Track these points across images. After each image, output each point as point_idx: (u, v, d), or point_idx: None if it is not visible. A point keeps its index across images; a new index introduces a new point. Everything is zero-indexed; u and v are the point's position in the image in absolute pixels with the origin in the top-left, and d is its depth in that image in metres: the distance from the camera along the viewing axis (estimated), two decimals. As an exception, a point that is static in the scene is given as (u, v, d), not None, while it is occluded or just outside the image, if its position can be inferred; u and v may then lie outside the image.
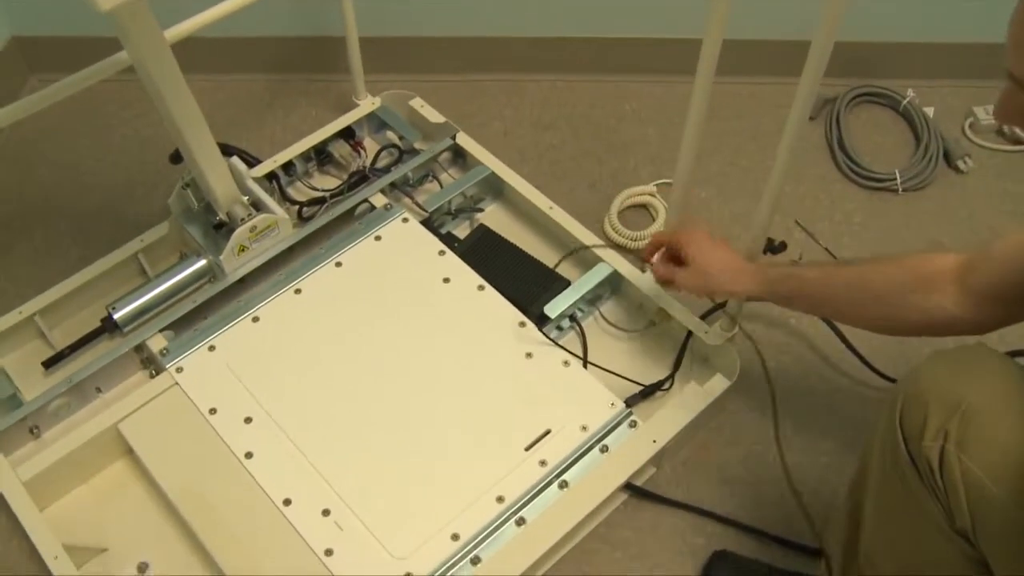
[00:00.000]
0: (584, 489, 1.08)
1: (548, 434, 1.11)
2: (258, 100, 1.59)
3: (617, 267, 1.27)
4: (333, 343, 1.19)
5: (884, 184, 1.46)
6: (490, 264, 1.27)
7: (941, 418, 0.76)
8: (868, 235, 1.42)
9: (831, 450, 1.19)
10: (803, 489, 1.14)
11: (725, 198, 1.45)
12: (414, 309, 1.22)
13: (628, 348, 1.26)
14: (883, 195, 1.47)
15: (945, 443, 0.75)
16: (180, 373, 1.16)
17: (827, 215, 1.44)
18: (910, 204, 1.46)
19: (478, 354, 1.18)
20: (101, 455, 1.13)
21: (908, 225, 1.43)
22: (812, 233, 1.40)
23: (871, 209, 1.45)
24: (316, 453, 1.09)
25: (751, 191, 1.46)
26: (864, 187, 1.47)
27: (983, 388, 0.76)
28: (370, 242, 1.29)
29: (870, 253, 1.39)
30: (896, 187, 1.46)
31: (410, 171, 1.37)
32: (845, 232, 1.42)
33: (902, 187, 1.46)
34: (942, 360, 0.81)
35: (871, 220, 1.43)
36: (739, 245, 1.36)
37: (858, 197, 1.47)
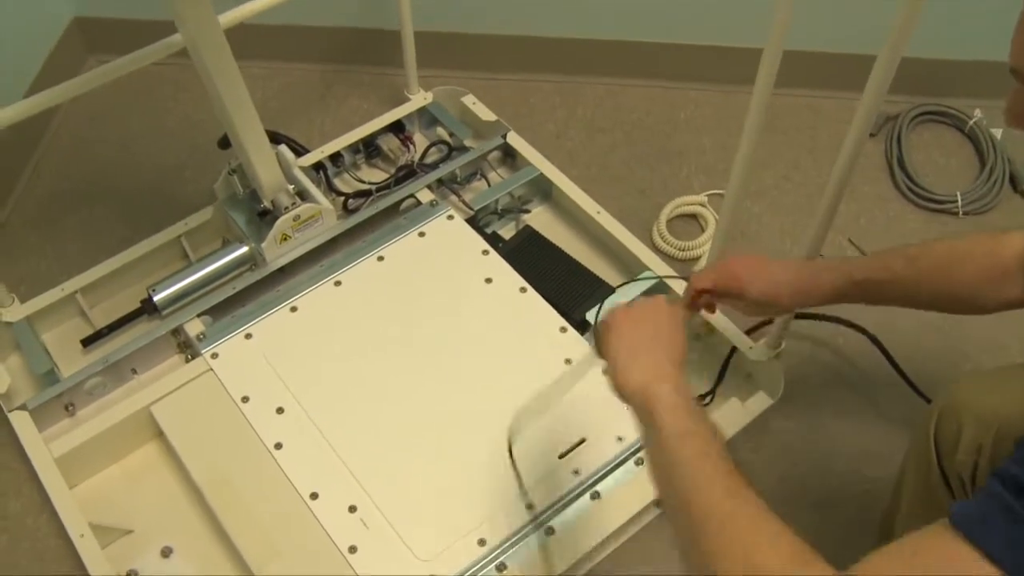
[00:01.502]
0: (616, 501, 1.04)
1: (583, 443, 1.08)
2: (310, 90, 1.58)
3: (661, 275, 1.23)
4: (370, 338, 1.17)
5: (944, 206, 1.41)
6: (534, 266, 1.25)
7: (976, 433, 0.74)
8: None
9: (874, 477, 1.14)
10: (842, 516, 1.09)
11: (776, 212, 1.41)
12: (454, 308, 1.20)
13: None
14: (942, 218, 1.41)
15: (978, 458, 0.73)
16: (215, 359, 1.15)
17: (882, 235, 1.38)
18: (971, 227, 1.40)
19: (516, 357, 1.15)
20: (132, 436, 1.12)
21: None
22: (865, 252, 1.35)
23: (929, 231, 1.39)
24: (346, 448, 1.07)
25: (803, 207, 1.41)
26: (923, 208, 1.42)
27: (1019, 405, 0.74)
28: (413, 238, 1.27)
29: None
30: (957, 210, 1.40)
31: (458, 168, 1.35)
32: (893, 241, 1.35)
33: (963, 210, 1.40)
34: (979, 377, 0.78)
35: (918, 233, 1.37)
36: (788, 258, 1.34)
37: (916, 218, 1.41)
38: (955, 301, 0.89)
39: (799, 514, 1.10)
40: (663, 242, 1.36)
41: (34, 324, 1.22)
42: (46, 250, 1.36)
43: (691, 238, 1.36)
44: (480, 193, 1.34)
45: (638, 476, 1.06)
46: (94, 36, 1.61)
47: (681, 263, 1.34)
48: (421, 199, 1.32)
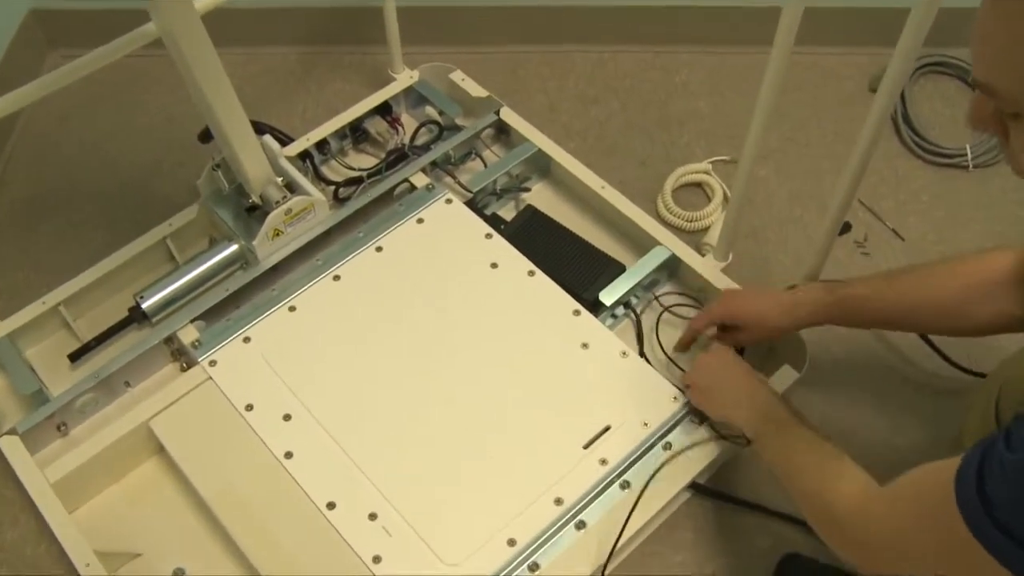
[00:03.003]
0: (649, 490, 1.00)
1: (607, 431, 1.03)
2: (289, 74, 1.51)
3: (675, 250, 1.19)
4: (375, 334, 1.11)
5: (953, 160, 1.36)
6: (539, 248, 1.20)
7: None
8: (937, 214, 1.32)
9: (903, 447, 1.10)
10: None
11: (784, 176, 1.36)
12: (461, 297, 1.14)
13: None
14: (952, 172, 1.36)
15: None
16: (213, 367, 1.08)
17: (892, 193, 1.34)
18: (981, 181, 1.35)
19: (531, 345, 1.10)
20: (132, 454, 1.06)
21: (979, 204, 1.33)
22: (877, 213, 1.31)
23: (939, 187, 1.35)
24: (360, 453, 1.02)
25: (811, 169, 1.37)
26: (932, 163, 1.37)
27: None
28: (412, 225, 1.21)
29: (938, 233, 1.30)
30: (967, 163, 1.35)
31: (452, 149, 1.29)
32: (912, 211, 1.32)
33: (973, 163, 1.35)
34: None
35: (939, 198, 1.34)
36: (800, 226, 1.32)
37: (925, 174, 1.36)
38: (941, 315, 0.90)
39: None
40: (669, 214, 1.31)
41: (16, 341, 1.14)
42: (22, 261, 1.29)
43: (698, 208, 1.31)
44: (477, 174, 1.28)
45: (668, 462, 1.02)
46: (54, 29, 1.52)
47: (690, 235, 1.29)
48: (416, 183, 1.26)
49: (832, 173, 1.36)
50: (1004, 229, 1.30)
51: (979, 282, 0.86)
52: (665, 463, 1.01)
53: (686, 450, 1.03)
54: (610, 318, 1.17)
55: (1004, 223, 1.31)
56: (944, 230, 1.30)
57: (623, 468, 1.01)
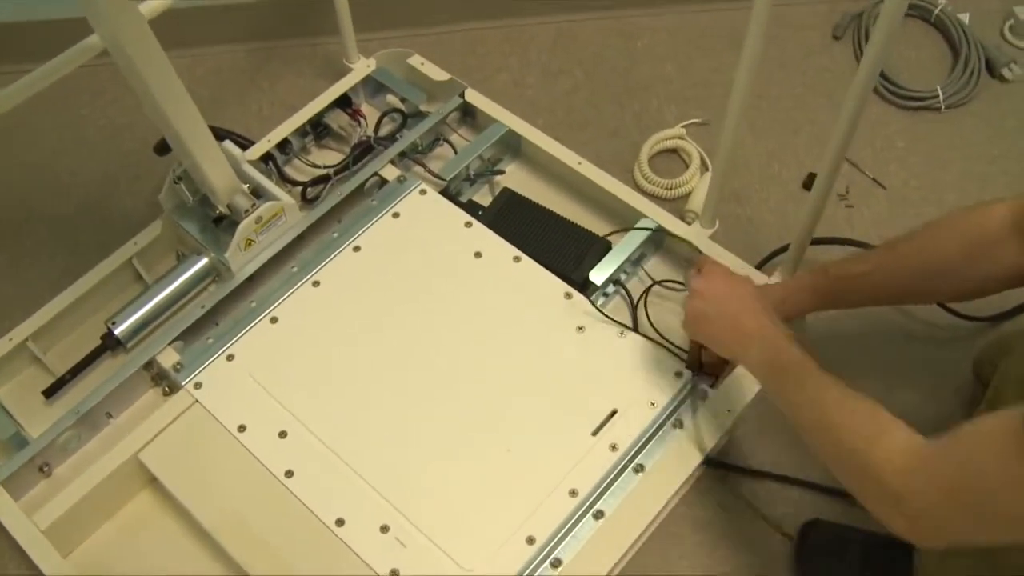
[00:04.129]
0: (663, 471, 0.98)
1: (615, 415, 1.01)
2: (239, 73, 1.44)
3: (660, 221, 1.16)
4: (363, 337, 1.07)
5: (925, 103, 1.35)
6: (521, 231, 1.16)
7: None
8: (914, 159, 1.31)
9: (914, 401, 1.10)
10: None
11: (758, 135, 1.34)
12: (448, 290, 1.11)
13: (681, 309, 1.14)
14: (925, 115, 1.35)
15: None
16: (199, 389, 1.04)
17: (868, 142, 1.32)
18: (955, 121, 1.34)
19: (525, 333, 1.07)
20: (123, 489, 1.01)
21: (955, 144, 1.32)
22: (855, 162, 1.29)
23: (914, 131, 1.33)
24: (363, 463, 0.98)
25: (785, 124, 1.35)
26: (904, 108, 1.35)
27: None
28: (388, 220, 1.17)
29: (919, 179, 1.28)
30: (939, 105, 1.34)
31: (419, 137, 1.25)
32: (890, 158, 1.31)
33: (945, 104, 1.34)
34: None
35: (915, 143, 1.32)
36: (780, 184, 1.30)
37: (898, 119, 1.35)
38: (941, 280, 0.88)
39: None
40: (648, 183, 1.28)
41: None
42: (-22, 297, 1.22)
43: (676, 174, 1.29)
44: (448, 161, 1.24)
45: (680, 440, 1.00)
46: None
47: (671, 202, 1.27)
48: (386, 176, 1.21)
49: (807, 125, 1.34)
50: (983, 169, 1.29)
51: (979, 238, 0.84)
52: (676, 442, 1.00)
53: (697, 425, 1.01)
54: (602, 297, 1.14)
55: (981, 162, 1.30)
56: (924, 175, 1.29)
57: (635, 451, 0.99)
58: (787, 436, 1.07)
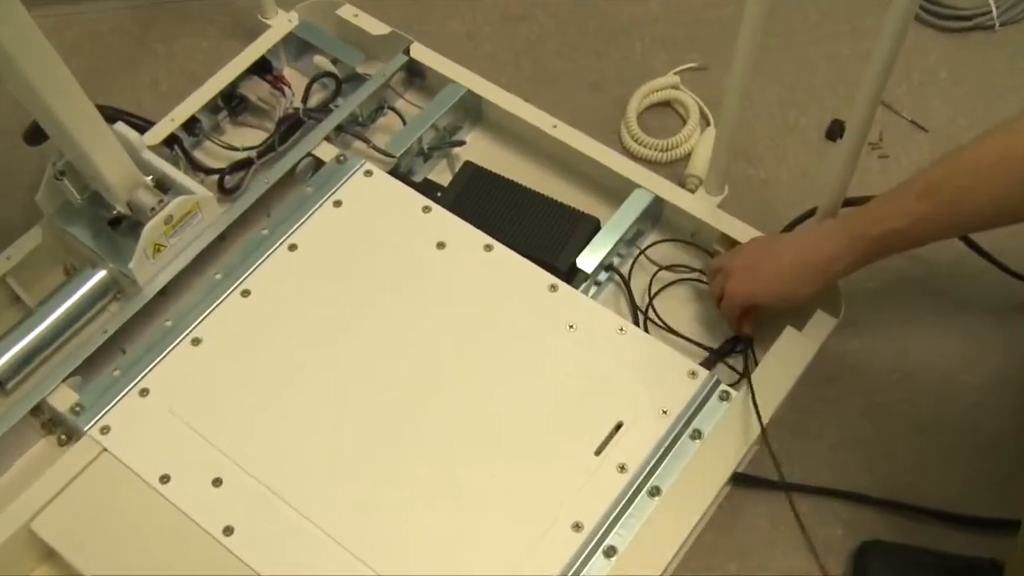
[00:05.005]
0: (684, 493, 0.98)
1: (620, 428, 1.01)
2: (122, 36, 1.42)
3: (657, 190, 1.17)
4: (310, 355, 1.07)
5: (974, 22, 1.36)
6: (491, 214, 1.17)
7: None
8: (962, 92, 1.32)
9: (978, 386, 1.12)
10: (950, 437, 1.07)
11: (767, 80, 1.35)
12: (407, 291, 1.10)
13: (687, 294, 1.17)
14: (974, 37, 1.36)
15: None
16: (106, 434, 1.02)
17: (903, 76, 1.34)
18: (1013, 41, 1.36)
19: (504, 337, 1.07)
20: (12, 568, 0.99)
21: (1012, 69, 1.33)
22: (889, 103, 1.31)
23: (961, 58, 1.35)
24: (319, 510, 0.97)
25: (797, 65, 1.36)
26: (947, 31, 1.37)
27: None
28: (328, 210, 1.16)
29: (968, 115, 1.30)
30: (992, 22, 1.35)
31: (358, 106, 1.25)
32: (931, 94, 1.33)
33: (999, 20, 1.35)
34: None
35: (963, 72, 1.34)
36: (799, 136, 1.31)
37: (941, 45, 1.36)
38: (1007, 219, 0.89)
39: (897, 445, 1.09)
40: (639, 145, 1.29)
41: None
42: None
43: (672, 132, 1.29)
44: (396, 133, 1.24)
45: (701, 454, 1.00)
46: None
47: (668, 167, 1.28)
48: (322, 157, 1.21)
49: (826, 62, 1.36)
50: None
51: None
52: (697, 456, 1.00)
53: (720, 435, 1.01)
54: (593, 287, 1.15)
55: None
56: (975, 110, 1.31)
57: (648, 471, 0.99)
58: (828, 441, 1.09)
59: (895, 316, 1.16)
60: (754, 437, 1.01)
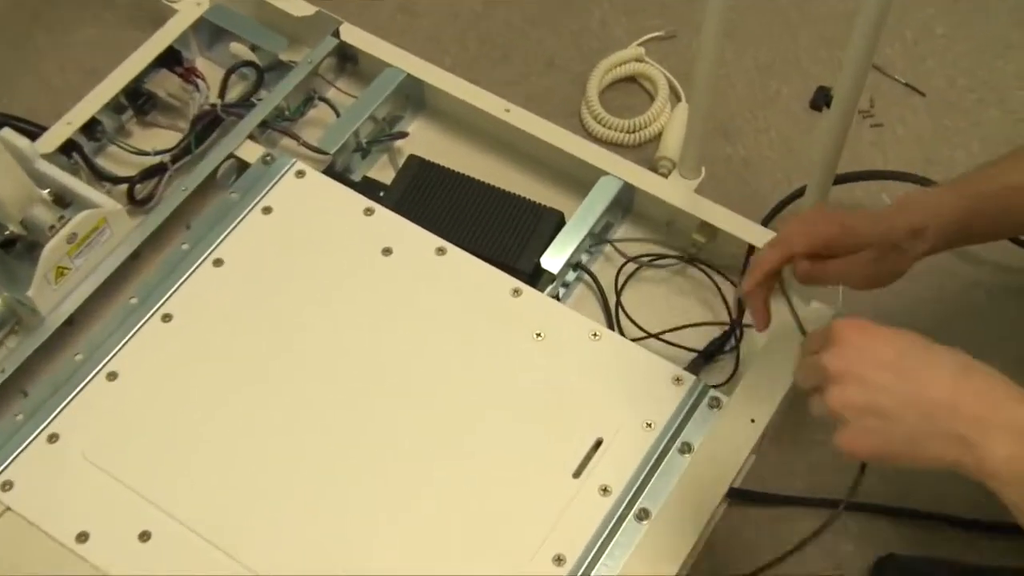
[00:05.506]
0: (675, 515, 0.99)
1: (600, 446, 1.02)
2: (7, 26, 1.42)
3: (626, 177, 1.17)
4: (245, 385, 1.06)
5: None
6: (441, 212, 1.17)
7: None
8: (961, 49, 1.35)
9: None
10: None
11: (742, 42, 1.37)
12: (352, 306, 1.10)
13: (665, 291, 1.18)
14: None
15: None
16: (9, 491, 1.01)
17: (895, 35, 1.36)
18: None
19: (465, 350, 1.07)
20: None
21: (1017, 22, 1.36)
22: (881, 66, 1.33)
23: (959, 11, 1.38)
24: (266, 560, 0.97)
25: (777, 23, 1.38)
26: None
27: None
28: (256, 218, 1.16)
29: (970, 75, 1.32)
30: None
31: (284, 98, 1.25)
32: (927, 52, 1.35)
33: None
34: None
35: (962, 28, 1.37)
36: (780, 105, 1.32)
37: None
38: None
39: None
40: (602, 127, 1.31)
41: None
42: None
43: (639, 111, 1.31)
44: (329, 127, 1.24)
45: (692, 470, 1.01)
46: None
47: (637, 150, 1.29)
48: (246, 158, 1.21)
49: (808, 25, 1.37)
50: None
51: None
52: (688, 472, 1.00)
53: (712, 447, 1.01)
54: (561, 288, 1.16)
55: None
56: (976, 69, 1.33)
57: (634, 493, 1.00)
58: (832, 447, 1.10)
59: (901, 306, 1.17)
60: (751, 446, 1.02)
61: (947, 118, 1.29)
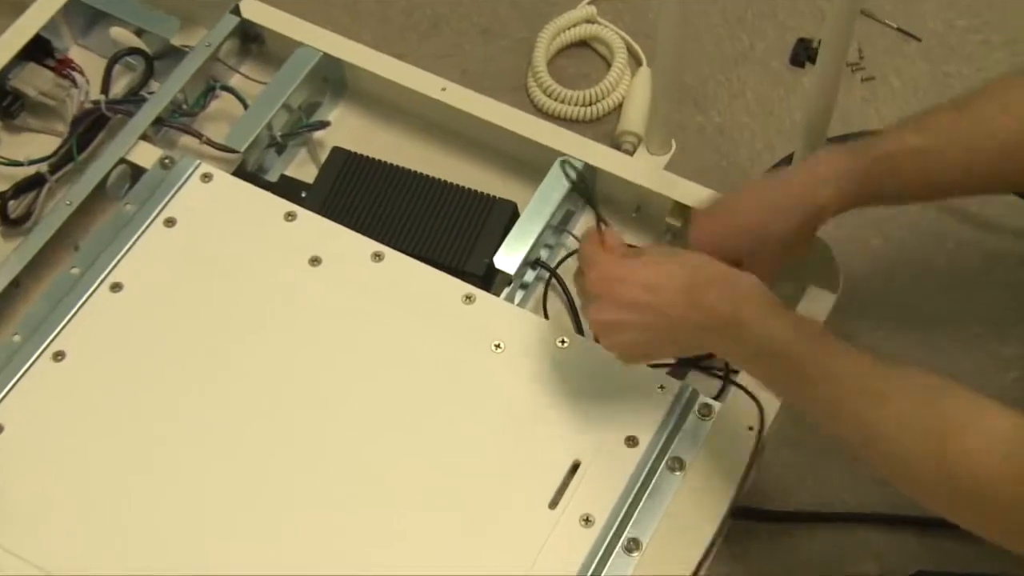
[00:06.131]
0: (670, 543, 0.99)
1: (578, 469, 1.02)
2: None
3: (585, 157, 1.18)
4: (157, 429, 1.06)
5: None
6: (375, 212, 1.18)
7: None
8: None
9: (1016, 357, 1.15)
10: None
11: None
12: (278, 327, 1.11)
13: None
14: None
15: None
16: None
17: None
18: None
19: (415, 369, 1.08)
20: None
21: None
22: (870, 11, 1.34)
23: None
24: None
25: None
26: None
27: None
28: (158, 232, 1.16)
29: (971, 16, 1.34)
30: None
31: (181, 89, 1.25)
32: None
33: None
34: None
35: None
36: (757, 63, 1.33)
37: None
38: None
39: None
40: (553, 101, 1.32)
41: None
42: None
43: (595, 80, 1.33)
44: (236, 121, 1.24)
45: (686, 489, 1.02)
46: None
47: (594, 124, 1.30)
48: (140, 162, 1.21)
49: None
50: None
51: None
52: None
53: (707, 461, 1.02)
54: (519, 291, 1.17)
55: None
56: (976, 7, 1.34)
57: (620, 521, 1.00)
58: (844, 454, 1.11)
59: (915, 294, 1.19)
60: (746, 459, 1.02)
61: (947, 65, 1.31)
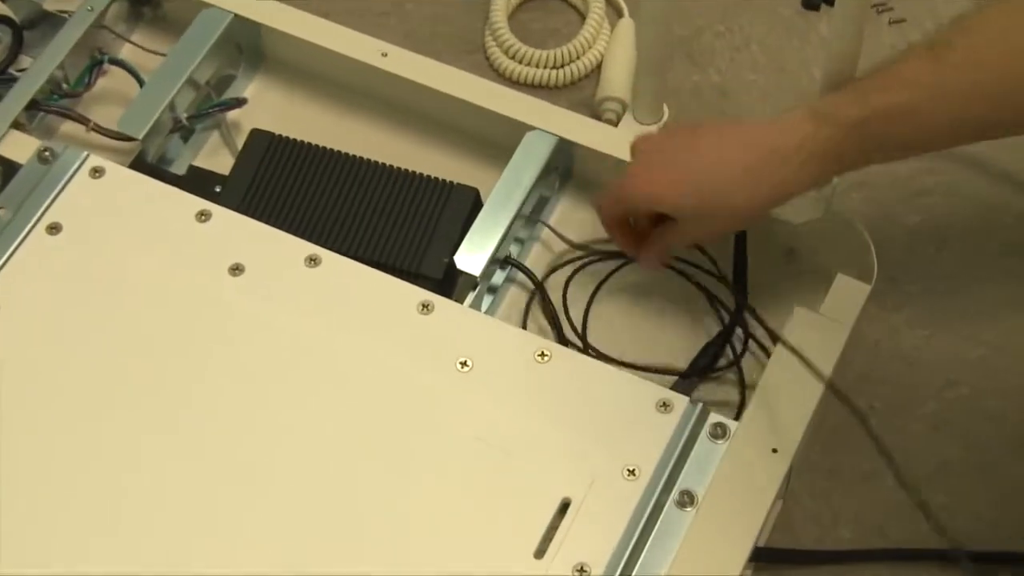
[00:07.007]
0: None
1: (568, 509, 1.03)
2: None
3: (560, 130, 1.19)
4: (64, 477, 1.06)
5: None
6: (307, 206, 1.20)
7: None
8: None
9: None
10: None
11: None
12: (194, 356, 1.11)
13: (632, 284, 1.21)
14: None
15: None
16: None
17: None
18: None
19: (365, 396, 1.08)
20: None
21: None
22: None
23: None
24: None
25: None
26: None
27: None
28: (39, 241, 1.16)
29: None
30: None
31: (58, 65, 1.26)
32: None
33: None
34: None
35: None
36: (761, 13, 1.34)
37: None
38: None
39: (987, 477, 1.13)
40: (517, 63, 1.34)
41: None
42: None
43: (567, 36, 1.34)
44: (131, 102, 1.25)
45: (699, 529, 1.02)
46: None
47: (569, 90, 1.32)
48: (12, 157, 1.22)
49: None
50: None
51: None
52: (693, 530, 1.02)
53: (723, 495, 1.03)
54: (486, 296, 1.18)
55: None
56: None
57: (622, 571, 1.01)
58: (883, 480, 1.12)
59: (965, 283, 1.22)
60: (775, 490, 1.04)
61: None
